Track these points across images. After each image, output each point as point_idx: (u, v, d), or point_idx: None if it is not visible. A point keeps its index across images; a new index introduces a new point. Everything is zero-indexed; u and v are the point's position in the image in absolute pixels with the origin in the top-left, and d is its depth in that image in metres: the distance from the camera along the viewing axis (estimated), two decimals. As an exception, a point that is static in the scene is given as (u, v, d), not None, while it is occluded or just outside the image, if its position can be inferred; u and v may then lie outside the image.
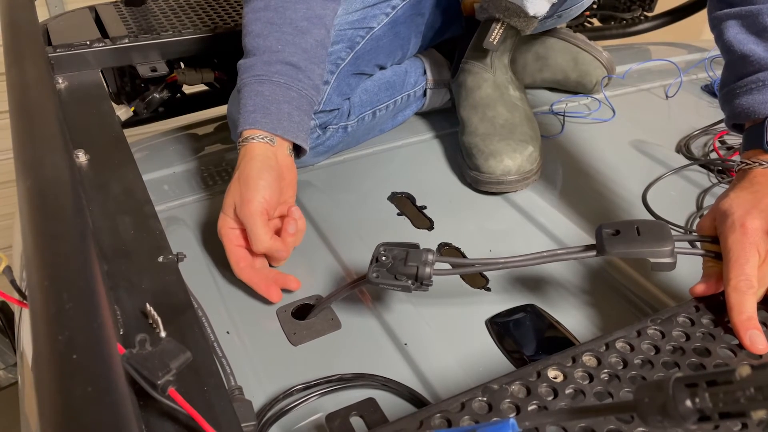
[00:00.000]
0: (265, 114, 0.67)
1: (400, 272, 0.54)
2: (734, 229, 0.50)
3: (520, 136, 0.83)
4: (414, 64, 0.96)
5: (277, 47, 0.70)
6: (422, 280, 0.54)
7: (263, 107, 0.68)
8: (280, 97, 0.68)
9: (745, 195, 0.53)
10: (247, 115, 0.68)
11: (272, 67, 0.69)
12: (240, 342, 0.60)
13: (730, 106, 0.59)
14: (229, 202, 0.65)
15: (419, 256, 0.54)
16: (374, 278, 0.55)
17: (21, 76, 0.58)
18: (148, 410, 0.38)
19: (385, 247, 0.56)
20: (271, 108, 0.68)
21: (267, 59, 0.70)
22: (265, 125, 0.67)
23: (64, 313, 0.32)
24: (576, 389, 0.44)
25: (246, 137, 0.67)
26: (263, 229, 0.63)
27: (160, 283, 0.50)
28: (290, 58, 0.70)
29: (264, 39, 0.70)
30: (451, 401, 0.43)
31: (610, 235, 0.52)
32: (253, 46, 0.71)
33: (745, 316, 0.47)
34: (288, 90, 0.69)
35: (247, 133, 0.67)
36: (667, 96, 1.09)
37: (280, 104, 0.68)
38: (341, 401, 0.53)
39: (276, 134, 0.67)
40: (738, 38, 0.58)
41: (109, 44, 0.87)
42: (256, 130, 0.67)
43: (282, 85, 0.69)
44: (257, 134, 0.67)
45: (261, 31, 0.71)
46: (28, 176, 0.44)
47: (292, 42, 0.71)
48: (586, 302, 0.65)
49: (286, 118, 0.68)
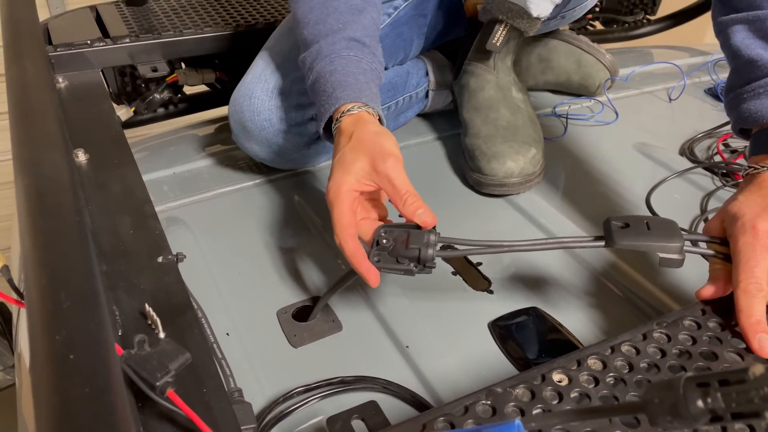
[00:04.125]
0: (345, 87, 0.64)
1: (401, 255, 0.53)
2: (745, 231, 0.50)
3: (522, 138, 0.82)
4: (416, 66, 0.95)
5: (338, 27, 0.68)
6: (425, 262, 0.52)
7: (341, 82, 0.64)
8: (354, 68, 0.66)
9: (756, 198, 0.52)
10: (329, 97, 0.64)
11: (338, 44, 0.67)
12: (240, 344, 0.60)
13: (737, 111, 0.59)
14: (360, 159, 0.58)
15: (421, 237, 0.53)
16: (375, 262, 0.53)
17: (21, 75, 0.58)
18: (147, 412, 0.38)
19: (385, 230, 0.55)
20: (349, 81, 0.65)
21: (331, 40, 0.68)
22: (350, 96, 0.63)
23: (62, 312, 0.31)
24: (581, 393, 0.43)
25: (343, 111, 0.63)
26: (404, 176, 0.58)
27: (160, 283, 0.50)
28: (353, 34, 0.68)
29: (323, 24, 0.69)
30: (454, 404, 0.42)
31: (620, 228, 0.51)
32: (313, 34, 0.69)
33: (754, 319, 0.47)
34: (359, 62, 0.67)
35: (343, 108, 0.63)
36: (670, 99, 1.08)
37: (356, 75, 0.66)
38: (342, 404, 0.52)
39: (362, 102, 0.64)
40: (745, 43, 0.57)
41: (110, 44, 0.86)
42: (348, 103, 0.63)
43: (352, 59, 0.67)
44: (352, 105, 0.63)
45: (318, 17, 0.69)
46: (27, 174, 0.43)
47: (352, 20, 0.69)
48: (589, 305, 0.65)
49: (366, 89, 0.65)
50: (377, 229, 0.55)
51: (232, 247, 0.73)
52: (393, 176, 0.57)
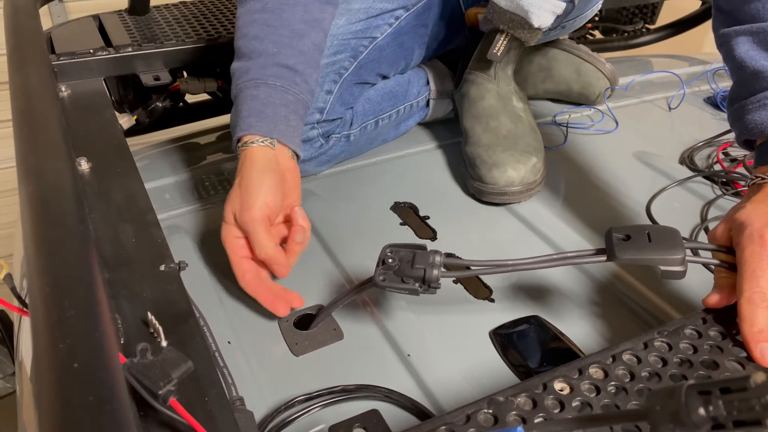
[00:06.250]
0: (261, 118, 0.66)
1: (407, 275, 0.53)
2: (752, 240, 0.49)
3: (523, 146, 0.82)
4: (417, 74, 0.96)
5: (273, 50, 0.68)
6: (430, 282, 0.53)
7: (259, 111, 0.66)
8: (276, 100, 0.67)
9: (764, 207, 0.52)
10: (243, 120, 0.66)
11: (268, 70, 0.68)
12: (241, 352, 0.60)
13: (741, 122, 0.59)
14: (230, 210, 0.63)
15: (426, 258, 0.53)
16: (381, 281, 0.54)
17: (24, 83, 0.58)
18: (149, 420, 0.38)
19: (391, 249, 0.55)
20: (267, 111, 0.66)
21: (263, 62, 0.68)
22: (261, 129, 0.65)
23: (66, 320, 0.31)
24: (583, 402, 0.43)
25: (245, 142, 0.65)
26: (266, 236, 0.62)
27: (162, 291, 0.50)
28: (287, 61, 0.68)
29: (260, 42, 0.69)
30: (456, 413, 0.42)
31: (621, 240, 0.51)
32: (248, 50, 0.69)
33: (757, 328, 0.47)
34: (285, 93, 0.68)
35: (246, 138, 0.65)
36: (670, 108, 1.09)
37: (276, 107, 0.67)
38: (344, 413, 0.52)
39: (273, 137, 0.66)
40: (749, 54, 0.58)
41: (112, 53, 0.87)
42: (254, 134, 0.65)
43: (278, 89, 0.67)
44: (256, 138, 0.65)
45: (257, 33, 0.69)
46: (31, 182, 0.43)
47: (289, 45, 0.69)
48: (590, 313, 0.65)
49: (283, 122, 0.66)
50: (383, 248, 0.56)
51: (233, 256, 0.73)
52: (247, 231, 0.62)
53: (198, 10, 1.06)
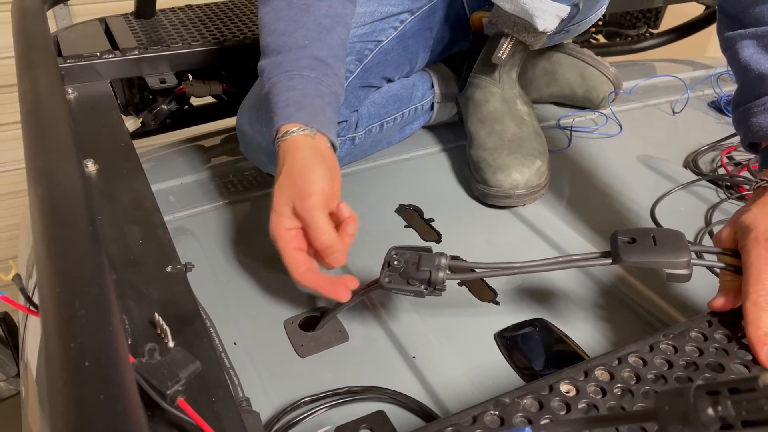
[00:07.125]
0: (300, 107, 0.64)
1: (412, 277, 0.53)
2: (758, 243, 0.49)
3: (528, 150, 0.83)
4: (422, 78, 0.96)
5: (304, 42, 0.68)
6: (435, 284, 0.53)
7: (297, 101, 0.65)
8: (312, 91, 0.66)
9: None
10: (281, 111, 0.64)
11: (301, 62, 0.67)
12: (247, 353, 0.60)
13: (746, 125, 0.59)
14: (284, 199, 0.60)
15: (432, 260, 0.54)
16: (386, 283, 0.54)
17: (33, 86, 0.59)
18: (156, 420, 0.38)
19: (397, 251, 0.55)
20: (305, 102, 0.65)
21: (295, 55, 0.67)
22: (302, 118, 0.64)
23: (77, 320, 0.32)
24: (589, 403, 0.43)
25: (285, 132, 0.63)
26: (328, 222, 0.59)
27: (169, 293, 0.50)
28: (318, 53, 0.68)
29: (289, 36, 0.68)
30: (462, 415, 0.42)
31: (626, 243, 0.52)
32: (278, 45, 0.69)
33: (763, 331, 0.47)
34: (319, 85, 0.67)
35: (285, 128, 0.63)
36: (674, 112, 1.09)
37: (313, 98, 0.66)
38: (350, 414, 0.52)
39: (313, 127, 0.64)
40: (755, 58, 0.58)
41: (118, 56, 0.87)
42: (294, 123, 0.63)
43: (313, 80, 0.67)
44: (297, 128, 0.63)
45: (285, 29, 0.69)
46: (40, 184, 0.44)
47: (318, 38, 0.69)
48: (595, 316, 0.65)
49: (320, 112, 0.66)
50: (389, 251, 0.56)
51: (239, 257, 0.73)
52: (308, 219, 0.59)
53: (204, 13, 1.06)
